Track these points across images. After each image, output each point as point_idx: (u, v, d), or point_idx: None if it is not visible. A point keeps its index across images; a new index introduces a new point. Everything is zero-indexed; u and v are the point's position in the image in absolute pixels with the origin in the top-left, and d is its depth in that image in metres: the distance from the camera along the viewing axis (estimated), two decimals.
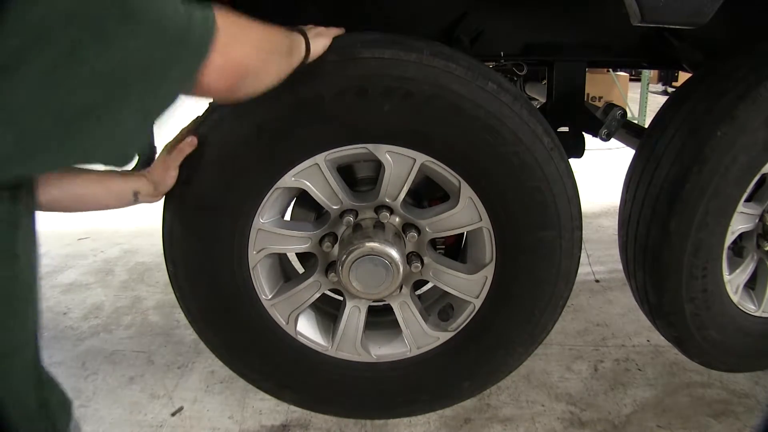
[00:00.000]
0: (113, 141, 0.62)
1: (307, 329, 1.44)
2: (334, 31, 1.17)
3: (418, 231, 1.35)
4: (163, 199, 1.24)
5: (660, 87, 8.08)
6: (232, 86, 0.75)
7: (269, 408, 1.74)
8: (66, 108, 0.56)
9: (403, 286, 1.40)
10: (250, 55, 0.80)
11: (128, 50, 0.58)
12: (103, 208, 1.14)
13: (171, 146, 1.20)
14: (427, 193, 1.47)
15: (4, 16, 0.50)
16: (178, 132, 1.23)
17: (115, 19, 0.56)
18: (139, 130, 0.65)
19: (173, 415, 1.73)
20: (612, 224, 2.96)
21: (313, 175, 1.26)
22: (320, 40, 1.10)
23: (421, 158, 1.25)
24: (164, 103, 0.65)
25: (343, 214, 1.33)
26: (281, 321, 1.39)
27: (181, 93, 0.67)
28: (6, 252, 0.62)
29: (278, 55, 0.94)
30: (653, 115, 1.61)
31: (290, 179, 1.25)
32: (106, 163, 0.66)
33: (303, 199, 1.45)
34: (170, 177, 1.18)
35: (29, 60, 0.52)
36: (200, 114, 1.24)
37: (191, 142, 1.18)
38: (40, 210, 0.81)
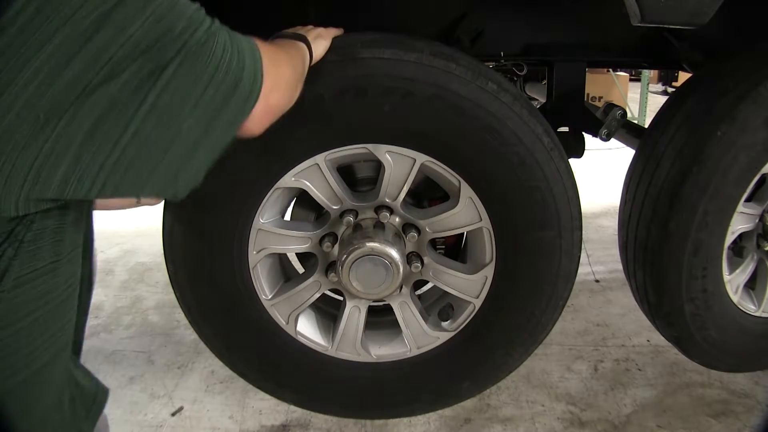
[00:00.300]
0: (168, 180, 0.66)
1: (307, 329, 1.44)
2: (333, 32, 1.17)
3: (418, 231, 1.35)
4: (163, 200, 1.24)
5: (660, 87, 8.07)
6: (265, 128, 0.79)
7: (269, 408, 1.74)
8: (129, 141, 0.59)
9: (403, 286, 1.40)
10: (285, 97, 0.84)
11: (188, 93, 0.61)
12: (107, 208, 1.14)
13: None
14: (427, 193, 1.47)
15: (83, 45, 0.53)
16: None
17: (178, 61, 0.59)
18: (190, 173, 0.69)
19: (173, 415, 1.73)
20: (612, 224, 2.97)
21: (313, 175, 1.26)
22: (320, 42, 1.11)
23: (421, 158, 1.25)
24: (214, 148, 0.69)
25: (343, 214, 1.33)
26: (281, 321, 1.39)
27: (228, 138, 0.70)
28: (49, 261, 0.65)
29: (300, 80, 0.97)
30: (653, 115, 1.61)
31: (290, 179, 1.25)
32: (158, 197, 0.70)
33: (303, 199, 1.45)
34: None
35: (99, 89, 0.55)
36: None
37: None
38: None
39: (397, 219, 1.35)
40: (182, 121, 0.62)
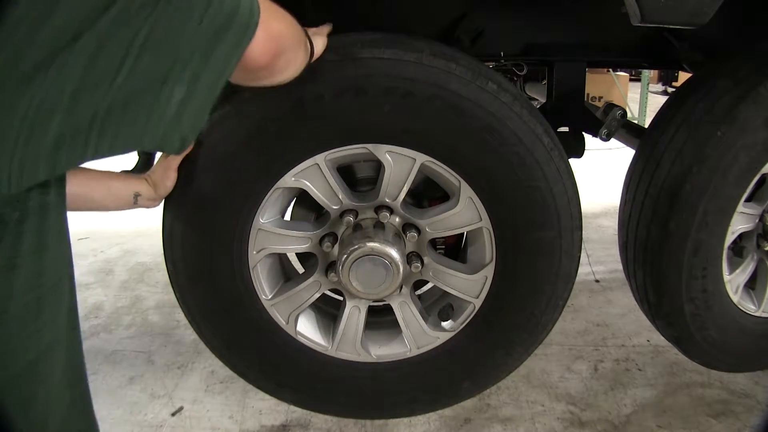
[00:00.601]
0: (169, 119, 0.61)
1: (307, 329, 1.44)
2: (326, 29, 1.17)
3: (418, 231, 1.35)
4: (162, 202, 1.25)
5: (660, 87, 8.07)
6: (271, 61, 0.75)
7: (269, 408, 1.74)
8: (124, 80, 0.55)
9: (403, 286, 1.40)
10: (286, 31, 0.81)
11: (183, 23, 0.58)
12: (101, 209, 1.14)
13: None
14: (427, 193, 1.47)
15: None
16: None
17: None
18: (193, 109, 0.63)
19: (173, 415, 1.73)
20: (612, 224, 2.97)
21: (313, 175, 1.26)
22: (319, 39, 1.10)
23: (421, 158, 1.25)
24: (217, 79, 0.65)
25: (343, 214, 1.33)
26: (281, 321, 1.39)
27: (230, 68, 0.66)
28: (36, 244, 0.62)
29: (301, 41, 0.94)
30: (653, 115, 1.61)
31: (290, 179, 1.25)
32: (161, 146, 0.64)
33: (303, 199, 1.45)
34: (170, 179, 1.19)
35: (91, 27, 0.51)
36: None
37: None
38: None
39: (397, 219, 1.35)
40: (179, 52, 0.58)
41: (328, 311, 1.57)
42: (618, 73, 5.49)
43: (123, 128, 0.57)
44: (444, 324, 1.44)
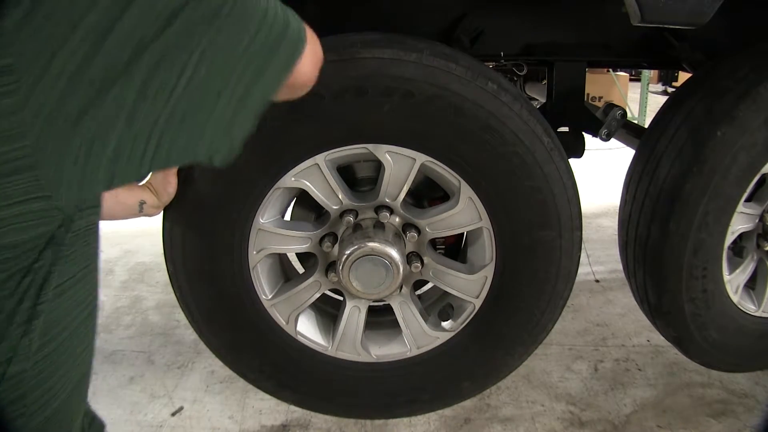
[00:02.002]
0: (221, 133, 0.62)
1: (307, 329, 1.44)
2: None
3: (418, 231, 1.35)
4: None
5: (660, 87, 8.07)
6: (315, 73, 0.76)
7: (269, 408, 1.74)
8: (182, 92, 0.55)
9: (403, 286, 1.40)
10: (319, 45, 0.82)
11: (240, 36, 0.58)
12: (108, 218, 1.14)
13: None
14: (427, 193, 1.47)
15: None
16: None
17: (229, 7, 0.56)
18: (242, 123, 0.65)
19: (173, 415, 1.73)
20: (612, 224, 2.96)
21: (313, 175, 1.26)
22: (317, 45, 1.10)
23: (421, 158, 1.25)
24: (266, 94, 0.66)
25: (343, 214, 1.33)
26: (281, 321, 1.39)
27: (280, 83, 0.67)
28: (82, 267, 0.62)
29: None
30: (653, 115, 1.61)
31: (290, 179, 1.25)
32: (210, 158, 0.64)
33: (303, 199, 1.45)
34: (171, 185, 1.19)
35: (150, 44, 0.52)
36: None
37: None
38: None
39: (397, 219, 1.35)
40: (236, 65, 0.59)
41: (328, 311, 1.57)
42: (618, 73, 5.48)
43: (179, 141, 0.57)
44: (444, 324, 1.44)
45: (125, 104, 0.51)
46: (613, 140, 1.80)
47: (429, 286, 1.58)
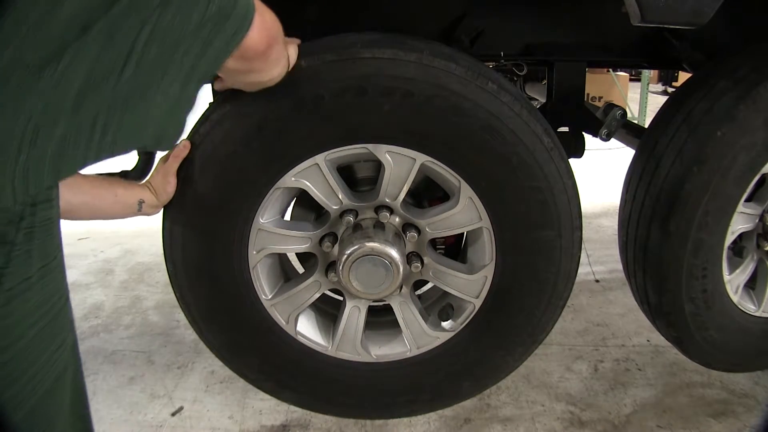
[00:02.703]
0: (167, 112, 0.59)
1: (307, 329, 1.44)
2: (294, 40, 1.17)
3: (418, 231, 1.35)
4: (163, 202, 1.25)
5: (660, 87, 8.07)
6: (266, 49, 0.76)
7: (269, 408, 1.74)
8: (131, 74, 0.53)
9: (403, 286, 1.40)
10: (276, 23, 0.82)
11: (190, 12, 0.57)
12: (107, 217, 1.14)
13: (167, 154, 1.21)
14: (427, 193, 1.47)
15: None
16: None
17: None
18: (186, 99, 0.62)
19: (173, 415, 1.73)
20: (612, 224, 2.97)
21: (313, 175, 1.26)
22: (290, 47, 1.10)
23: (421, 158, 1.25)
24: (211, 68, 0.64)
25: (343, 214, 1.33)
26: (281, 321, 1.39)
27: (225, 56, 0.66)
28: (44, 263, 0.59)
29: (284, 39, 0.94)
30: (653, 115, 1.61)
31: (290, 179, 1.25)
32: (159, 141, 0.62)
33: (303, 199, 1.45)
34: (170, 184, 1.19)
35: (100, 18, 0.49)
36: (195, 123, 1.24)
37: (185, 146, 1.19)
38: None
39: (397, 219, 1.35)
40: (185, 42, 0.57)
41: (328, 311, 1.57)
42: (618, 73, 5.49)
43: (124, 125, 0.55)
44: (444, 324, 1.44)
45: (71, 89, 0.48)
46: (613, 140, 1.80)
47: (429, 286, 1.58)
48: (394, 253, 1.28)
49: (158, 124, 0.59)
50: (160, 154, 1.27)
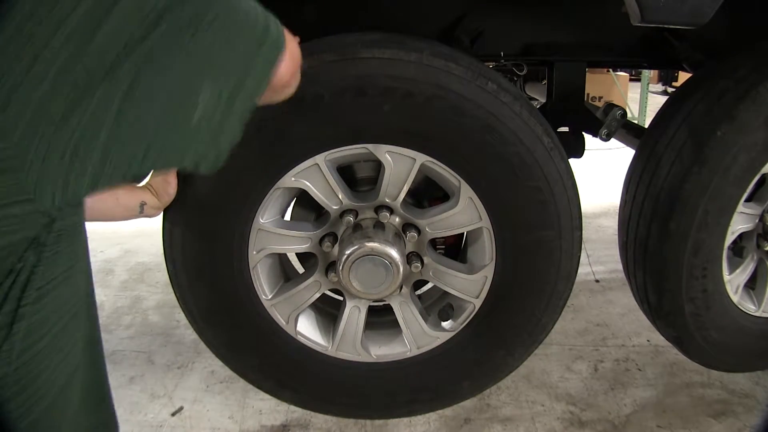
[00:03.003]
0: (210, 137, 0.61)
1: (307, 329, 1.44)
2: (296, 40, 1.17)
3: (418, 231, 1.35)
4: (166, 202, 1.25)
5: (660, 87, 8.07)
6: (293, 78, 0.76)
7: (269, 408, 1.74)
8: (167, 96, 0.54)
9: (403, 286, 1.40)
10: (299, 49, 0.83)
11: (225, 41, 0.58)
12: (108, 219, 1.14)
13: None
14: (427, 193, 1.47)
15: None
16: None
17: (215, 11, 0.56)
18: (230, 128, 0.64)
19: (173, 415, 1.73)
20: (612, 224, 2.96)
21: (313, 175, 1.26)
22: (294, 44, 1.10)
23: (421, 158, 1.25)
24: (252, 97, 0.65)
25: (343, 214, 1.33)
26: (281, 321, 1.39)
27: (264, 85, 0.67)
28: (68, 266, 0.61)
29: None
30: (653, 115, 1.61)
31: (290, 179, 1.25)
32: (198, 164, 0.63)
33: (303, 199, 1.45)
34: (171, 186, 1.19)
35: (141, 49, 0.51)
36: None
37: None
38: None
39: (397, 219, 1.35)
40: (221, 68, 0.58)
41: (328, 311, 1.57)
42: (618, 73, 5.48)
43: (167, 146, 0.57)
44: (444, 324, 1.44)
45: (111, 107, 0.50)
46: (613, 140, 1.80)
47: (429, 286, 1.58)
48: (394, 253, 1.28)
49: (199, 149, 0.61)
50: None
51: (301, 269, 1.62)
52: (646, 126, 1.68)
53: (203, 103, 0.58)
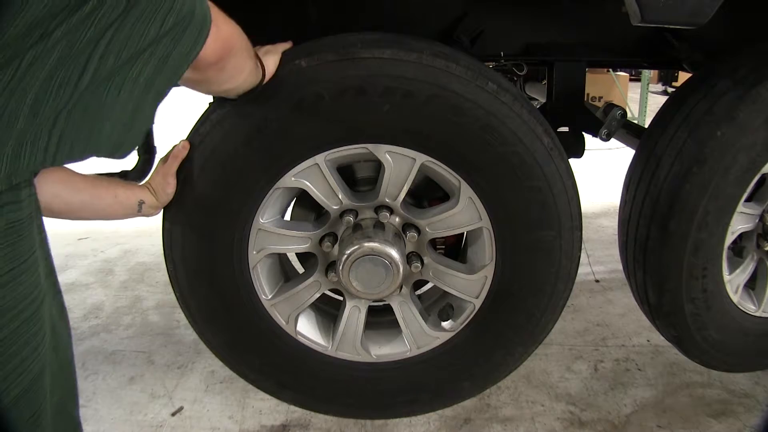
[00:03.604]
0: (125, 122, 0.60)
1: (307, 329, 1.44)
2: (282, 46, 1.17)
3: (418, 231, 1.35)
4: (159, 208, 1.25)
5: (660, 87, 8.06)
6: (220, 60, 0.76)
7: (269, 408, 1.74)
8: (88, 82, 0.53)
9: (403, 286, 1.40)
10: (235, 35, 0.83)
11: (147, 25, 0.57)
12: (107, 217, 1.14)
13: (167, 155, 1.21)
14: (427, 193, 1.47)
15: None
16: (175, 143, 1.23)
17: None
18: (144, 112, 0.63)
19: (173, 415, 1.73)
20: (612, 224, 2.97)
21: (313, 175, 1.26)
22: (270, 57, 1.10)
23: (421, 158, 1.25)
24: (170, 79, 0.65)
25: (343, 214, 1.33)
26: (281, 321, 1.39)
27: (184, 67, 0.67)
28: (20, 258, 0.58)
29: (250, 51, 0.95)
30: (653, 115, 1.61)
31: (290, 179, 1.25)
32: (113, 152, 0.61)
33: (303, 199, 1.45)
34: (170, 185, 1.19)
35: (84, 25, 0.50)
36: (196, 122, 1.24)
37: (184, 146, 1.20)
38: (48, 216, 0.81)
39: (397, 219, 1.35)
40: (143, 53, 0.58)
41: (328, 311, 1.57)
42: (618, 73, 5.48)
43: (83, 133, 0.55)
44: (444, 324, 1.44)
45: (28, 93, 0.49)
46: (613, 140, 1.80)
47: (429, 286, 1.58)
48: (394, 253, 1.28)
49: (115, 135, 0.60)
50: (159, 155, 1.27)
51: (301, 269, 1.62)
52: (646, 126, 1.68)
53: (119, 92, 0.57)
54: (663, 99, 1.92)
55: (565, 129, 1.76)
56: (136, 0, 0.55)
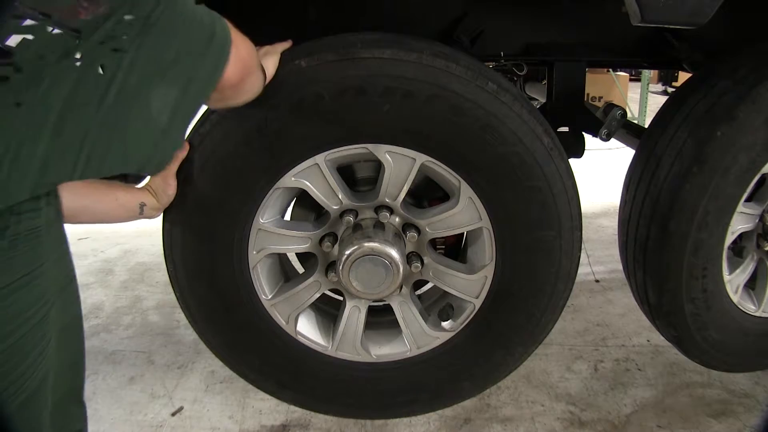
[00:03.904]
0: (154, 142, 0.61)
1: (307, 329, 1.44)
2: (281, 46, 1.17)
3: (418, 231, 1.35)
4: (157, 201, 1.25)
5: (660, 87, 8.06)
6: (240, 81, 0.77)
7: (269, 408, 1.74)
8: (113, 101, 0.54)
9: (403, 286, 1.40)
10: (251, 53, 0.83)
11: (168, 45, 0.58)
12: (108, 221, 1.14)
13: None
14: (427, 193, 1.47)
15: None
16: None
17: (160, 10, 0.56)
18: (175, 132, 0.64)
19: (173, 415, 1.73)
20: (612, 224, 2.97)
21: (313, 175, 1.26)
22: (269, 59, 1.10)
23: (421, 158, 1.25)
24: (197, 101, 0.66)
25: (343, 214, 1.33)
26: (281, 321, 1.39)
27: (210, 88, 0.67)
28: (23, 274, 0.58)
29: (259, 64, 0.97)
30: (653, 115, 1.61)
31: (290, 179, 1.25)
32: (141, 169, 0.62)
33: (303, 199, 1.45)
34: (170, 186, 1.19)
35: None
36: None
37: (184, 147, 1.19)
38: None
39: (397, 219, 1.35)
40: (166, 74, 0.58)
41: (328, 311, 1.57)
42: (618, 73, 5.48)
43: (111, 151, 0.56)
44: (444, 324, 1.44)
45: (51, 111, 0.49)
46: (613, 140, 1.80)
47: (429, 286, 1.58)
48: (394, 253, 1.28)
49: (143, 152, 0.61)
50: None
51: (301, 269, 1.62)
52: (646, 126, 1.68)
53: (147, 109, 0.58)
54: (663, 99, 1.92)
55: (565, 129, 1.76)
56: (155, 22, 0.56)
